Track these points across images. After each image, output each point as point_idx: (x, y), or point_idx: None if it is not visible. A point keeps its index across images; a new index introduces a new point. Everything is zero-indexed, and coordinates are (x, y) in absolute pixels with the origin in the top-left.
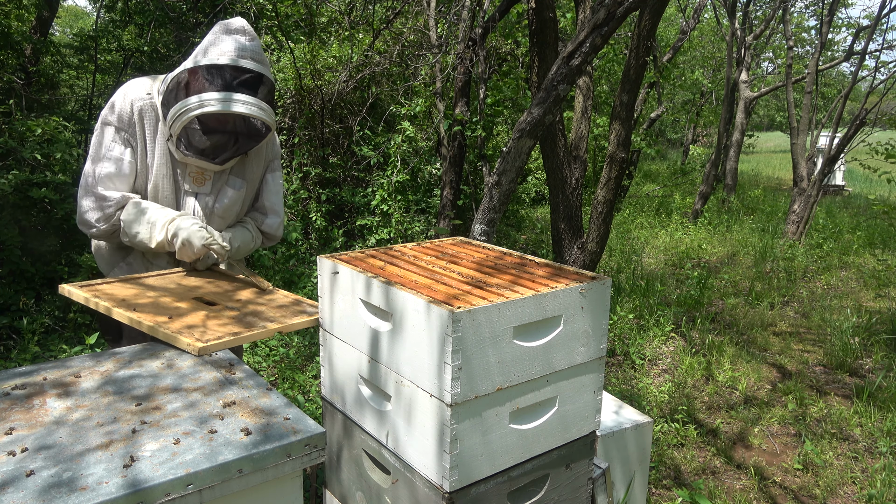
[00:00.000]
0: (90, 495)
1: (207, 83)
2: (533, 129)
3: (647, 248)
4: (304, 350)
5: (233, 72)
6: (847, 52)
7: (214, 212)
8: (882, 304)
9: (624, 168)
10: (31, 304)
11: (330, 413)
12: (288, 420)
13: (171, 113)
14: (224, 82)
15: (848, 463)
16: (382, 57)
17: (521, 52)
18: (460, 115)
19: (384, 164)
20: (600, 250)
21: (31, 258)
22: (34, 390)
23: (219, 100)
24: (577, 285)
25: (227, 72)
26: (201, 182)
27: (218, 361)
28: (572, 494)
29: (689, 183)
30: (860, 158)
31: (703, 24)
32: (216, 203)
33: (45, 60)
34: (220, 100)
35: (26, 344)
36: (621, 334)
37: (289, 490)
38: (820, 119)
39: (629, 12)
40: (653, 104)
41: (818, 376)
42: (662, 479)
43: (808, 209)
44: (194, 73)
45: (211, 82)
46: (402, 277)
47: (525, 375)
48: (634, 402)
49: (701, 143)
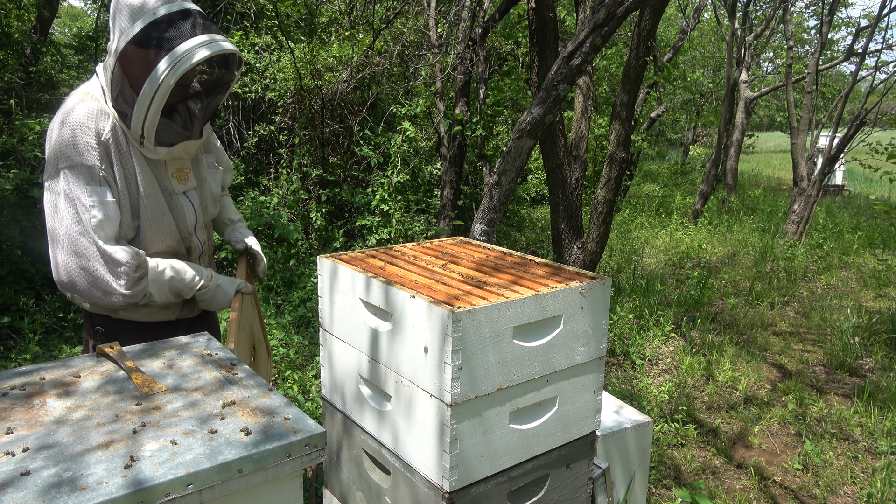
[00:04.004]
0: (90, 495)
1: (161, 45)
2: (533, 128)
3: (647, 248)
4: (304, 350)
5: (178, 17)
6: (847, 52)
7: (207, 201)
8: (882, 304)
9: (624, 168)
10: (31, 304)
11: (330, 413)
12: (288, 420)
13: (139, 107)
14: (178, 32)
15: (848, 462)
16: (382, 57)
17: (521, 52)
18: (460, 115)
19: (384, 164)
20: (600, 250)
21: (31, 258)
22: (34, 390)
23: (188, 52)
24: (577, 285)
25: (172, 21)
26: (184, 178)
27: (219, 361)
28: (572, 494)
29: (689, 183)
30: (860, 158)
31: (703, 24)
32: (206, 192)
33: (45, 60)
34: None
35: (26, 344)
36: (621, 334)
37: (289, 490)
38: (820, 119)
39: (629, 12)
40: (653, 104)
41: (818, 376)
42: (662, 479)
43: (808, 209)
44: (136, 48)
45: (164, 42)
46: (402, 277)
47: (525, 375)
48: (634, 402)
49: (701, 143)
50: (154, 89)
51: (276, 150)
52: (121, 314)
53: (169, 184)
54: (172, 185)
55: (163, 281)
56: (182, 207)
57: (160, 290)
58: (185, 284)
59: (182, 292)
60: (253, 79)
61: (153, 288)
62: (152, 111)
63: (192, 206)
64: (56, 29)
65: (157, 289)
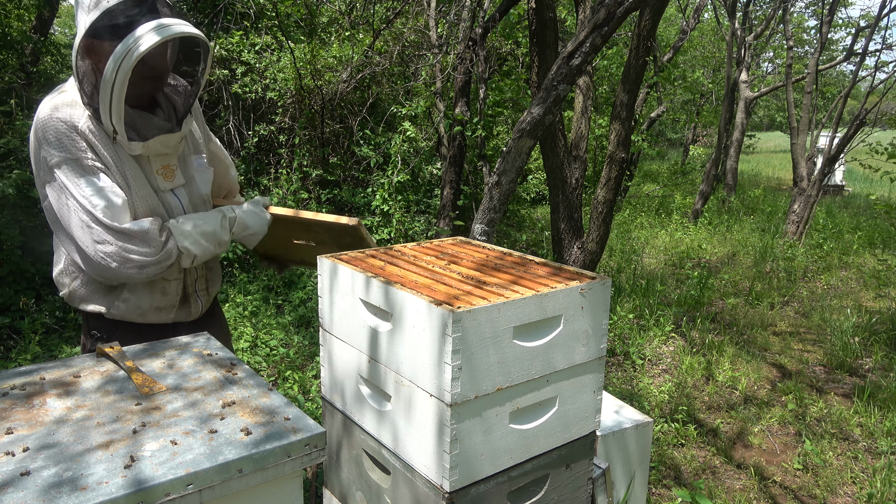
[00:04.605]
0: (90, 495)
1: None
2: (533, 128)
3: (647, 248)
4: (304, 350)
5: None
6: (847, 52)
7: (196, 200)
8: (882, 303)
9: (624, 168)
10: (31, 304)
11: (330, 413)
12: (288, 420)
13: (102, 99)
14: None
15: (848, 462)
16: (382, 57)
17: (521, 52)
18: (460, 115)
19: (384, 164)
20: (600, 250)
21: (31, 258)
22: (34, 390)
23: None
24: (578, 285)
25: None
26: (171, 175)
27: (219, 361)
28: (572, 494)
29: (689, 183)
30: (860, 158)
31: (703, 24)
32: (194, 190)
33: (45, 60)
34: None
35: (27, 344)
36: (621, 334)
37: (289, 490)
38: (820, 119)
39: (629, 12)
40: (653, 104)
41: (818, 376)
42: (662, 479)
43: (808, 209)
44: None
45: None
46: (402, 277)
47: (525, 375)
48: (634, 402)
49: (701, 143)
50: (112, 79)
51: (277, 151)
52: (112, 312)
53: (155, 181)
54: (158, 182)
55: (187, 231)
56: (170, 205)
57: (193, 240)
58: (213, 223)
59: (217, 234)
60: (253, 79)
61: (185, 241)
62: (115, 101)
63: (181, 203)
64: (56, 29)
65: (190, 241)
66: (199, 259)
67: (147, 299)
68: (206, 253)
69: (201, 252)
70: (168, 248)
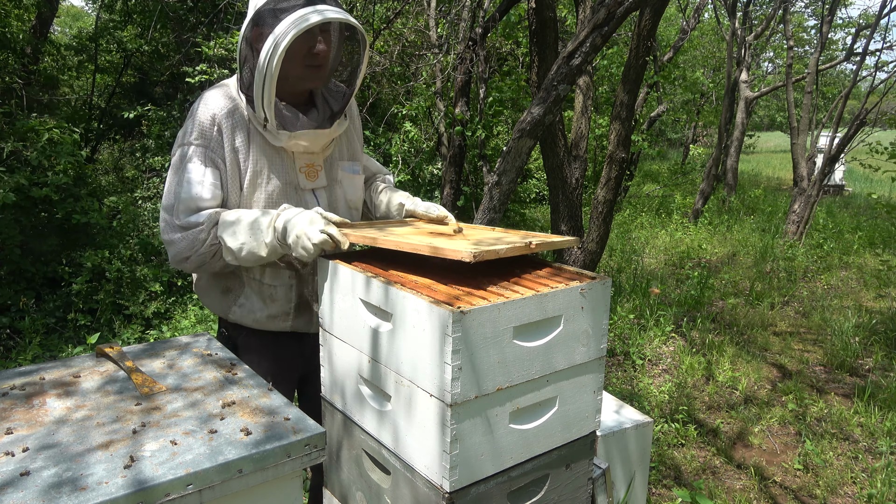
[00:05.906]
0: (90, 495)
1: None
2: (533, 128)
3: (647, 248)
4: None
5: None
6: (847, 52)
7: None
8: (882, 303)
9: (624, 168)
10: (31, 304)
11: (330, 413)
12: (288, 420)
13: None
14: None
15: (848, 463)
16: (383, 57)
17: (521, 52)
18: (460, 115)
19: (384, 164)
20: (600, 250)
21: (31, 258)
22: (34, 390)
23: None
24: (578, 285)
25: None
26: (314, 175)
27: (219, 361)
28: (572, 494)
29: (689, 183)
30: (860, 158)
31: (703, 24)
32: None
33: (45, 60)
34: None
35: (27, 344)
36: (621, 334)
37: (289, 490)
38: (820, 119)
39: (629, 12)
40: (653, 104)
41: (818, 376)
42: (662, 479)
43: (808, 209)
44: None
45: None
46: (403, 277)
47: (525, 375)
48: (634, 402)
49: (701, 142)
50: (266, 61)
51: None
52: (231, 317)
53: (295, 178)
54: (299, 179)
55: (229, 221)
56: (307, 204)
57: (231, 231)
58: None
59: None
60: None
61: (223, 232)
62: (267, 86)
63: (318, 205)
64: (56, 29)
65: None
66: (238, 256)
67: (259, 306)
68: (243, 249)
69: (237, 246)
70: (201, 237)
